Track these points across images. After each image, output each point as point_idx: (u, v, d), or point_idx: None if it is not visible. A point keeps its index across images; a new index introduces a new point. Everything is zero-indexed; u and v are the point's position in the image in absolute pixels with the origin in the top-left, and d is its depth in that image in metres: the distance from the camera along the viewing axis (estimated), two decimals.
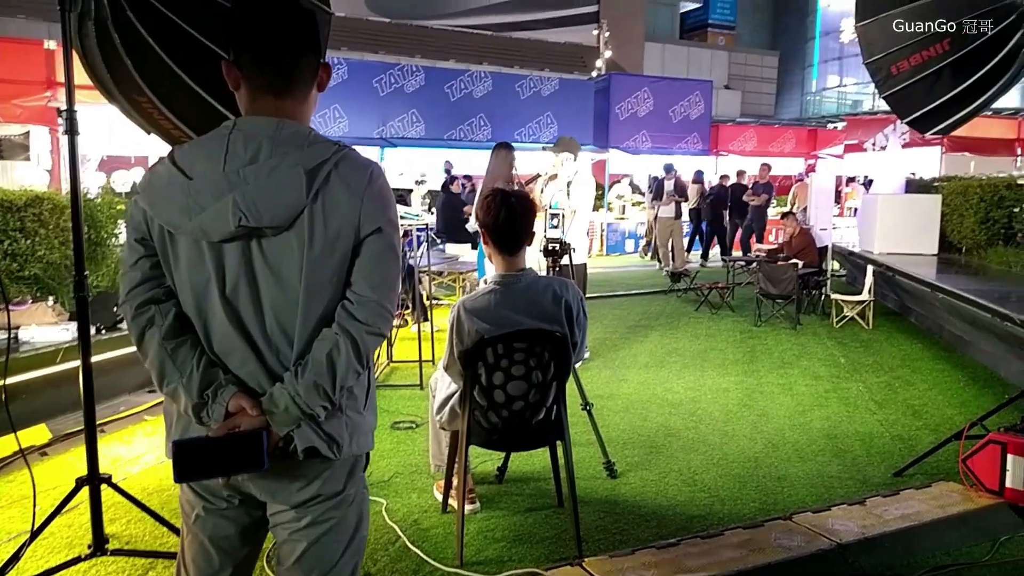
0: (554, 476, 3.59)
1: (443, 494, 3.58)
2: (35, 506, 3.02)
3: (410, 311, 7.38)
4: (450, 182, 12.54)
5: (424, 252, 7.00)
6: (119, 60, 2.83)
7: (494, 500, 3.68)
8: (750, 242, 13.73)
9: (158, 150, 9.39)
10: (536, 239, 3.27)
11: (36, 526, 2.93)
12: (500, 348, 2.92)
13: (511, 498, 3.71)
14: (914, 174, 12.50)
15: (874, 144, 15.30)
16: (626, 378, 6.02)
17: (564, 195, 6.00)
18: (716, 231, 14.55)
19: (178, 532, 3.02)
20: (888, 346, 7.26)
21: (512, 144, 6.29)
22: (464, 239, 9.92)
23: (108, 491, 3.00)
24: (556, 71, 20.58)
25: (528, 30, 26.02)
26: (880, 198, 10.55)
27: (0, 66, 7.87)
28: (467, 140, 15.66)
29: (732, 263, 10.76)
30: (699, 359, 6.73)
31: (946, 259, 9.25)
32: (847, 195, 18.68)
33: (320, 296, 1.58)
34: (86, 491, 2.93)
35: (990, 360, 6.26)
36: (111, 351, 4.94)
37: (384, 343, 4.77)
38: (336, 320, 1.59)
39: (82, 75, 2.90)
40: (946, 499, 3.60)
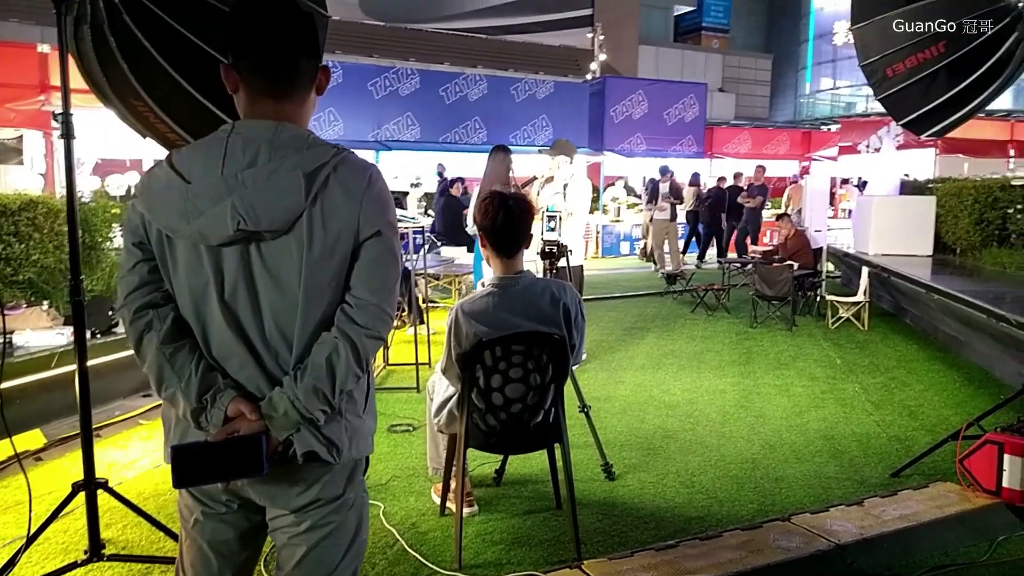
0: (552, 478, 3.59)
1: (441, 497, 3.57)
2: (31, 511, 3.00)
3: (406, 314, 7.37)
4: (450, 185, 12.53)
5: (424, 254, 7.00)
6: (115, 64, 2.82)
7: (492, 503, 3.67)
8: (745, 244, 13.76)
9: (153, 154, 9.39)
10: (533, 241, 3.27)
11: (32, 531, 2.92)
12: (498, 351, 2.91)
13: (509, 501, 3.71)
14: (908, 176, 12.56)
15: (868, 146, 15.36)
16: (623, 380, 6.02)
17: (560, 198, 6.00)
18: (715, 233, 14.55)
19: (175, 537, 3.00)
20: (884, 347, 7.27)
21: (509, 147, 6.29)
22: (465, 242, 9.94)
23: (104, 496, 2.98)
24: (551, 74, 20.57)
25: (522, 33, 26.03)
26: (875, 200, 10.59)
27: None
28: (462, 143, 15.64)
29: (727, 265, 10.77)
30: (695, 361, 6.73)
31: (941, 260, 9.29)
32: (841, 197, 18.75)
33: (319, 300, 1.57)
34: (82, 496, 2.91)
35: (985, 361, 6.28)
36: (106, 355, 4.93)
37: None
38: (335, 324, 1.58)
39: (77, 79, 2.89)
40: (944, 499, 3.61)
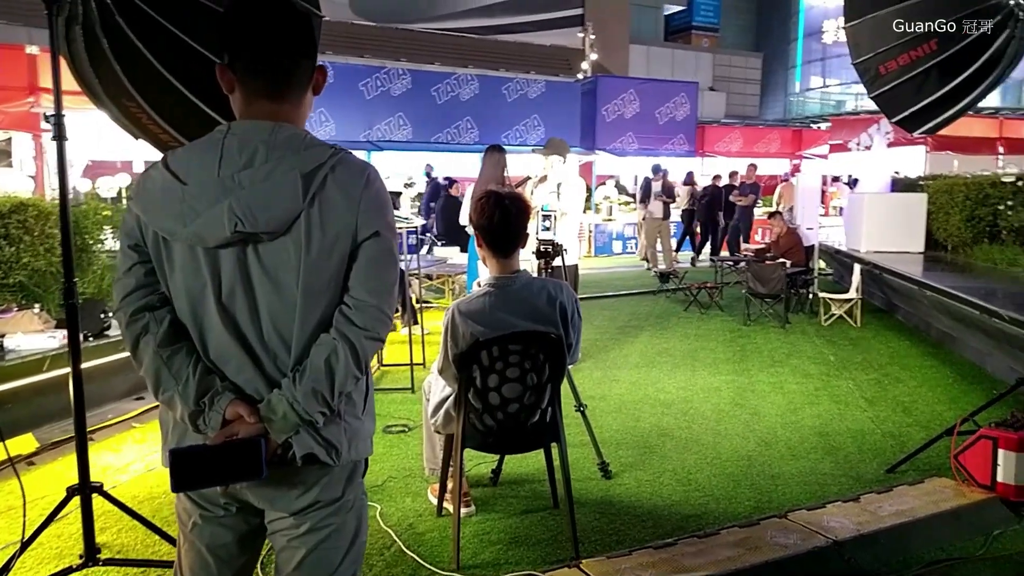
0: (549, 478, 3.59)
1: (438, 498, 3.56)
2: (25, 516, 2.98)
3: (400, 314, 7.35)
4: (449, 185, 12.53)
5: (417, 255, 6.98)
6: (107, 65, 2.80)
7: (489, 503, 3.66)
8: (737, 242, 13.80)
9: (144, 156, 9.34)
10: (529, 241, 3.26)
11: (27, 536, 2.89)
12: (495, 350, 2.91)
13: (506, 500, 3.70)
14: (898, 173, 12.61)
15: (859, 144, 15.41)
16: (618, 378, 6.03)
17: (554, 197, 6.00)
18: (711, 231, 14.59)
19: (171, 540, 3.00)
20: (876, 344, 7.30)
21: (503, 147, 6.29)
22: (465, 242, 9.91)
23: (98, 500, 2.96)
24: (542, 74, 20.57)
25: (513, 33, 26.04)
26: (866, 197, 10.62)
27: None
28: (454, 143, 15.62)
29: (720, 263, 10.80)
30: (690, 359, 6.74)
31: (932, 257, 9.33)
32: (832, 195, 18.81)
33: (318, 301, 1.56)
34: (76, 500, 2.88)
35: (977, 356, 6.31)
36: (98, 358, 4.89)
37: None
38: (334, 325, 1.57)
39: (67, 80, 2.86)
40: (939, 495, 3.63)
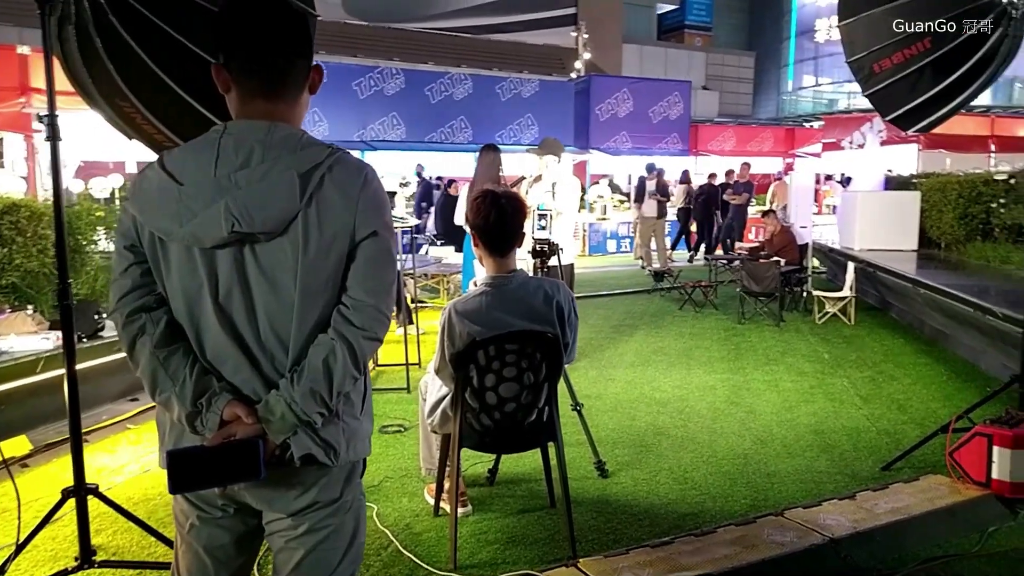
0: (546, 477, 3.59)
1: (435, 497, 3.55)
2: (20, 518, 2.96)
3: (395, 314, 7.35)
4: (448, 185, 12.54)
5: (412, 255, 6.97)
6: (101, 64, 2.78)
7: (486, 502, 3.66)
8: (731, 241, 13.84)
9: (136, 156, 9.30)
10: (524, 240, 3.26)
11: (22, 539, 2.88)
12: (492, 350, 2.90)
13: (503, 500, 3.70)
14: (891, 171, 12.65)
15: (851, 142, 15.45)
16: (613, 377, 6.03)
17: (549, 196, 6.00)
18: (707, 229, 14.64)
19: (166, 542, 2.99)
20: (870, 341, 7.32)
21: (498, 146, 6.29)
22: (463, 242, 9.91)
23: (92, 501, 2.94)
24: (535, 73, 20.56)
25: (506, 32, 26.03)
26: (860, 195, 10.65)
27: None
28: (448, 142, 15.60)
29: (714, 262, 10.82)
30: (685, 357, 6.75)
31: (926, 255, 9.37)
32: (825, 193, 18.87)
33: (315, 301, 1.56)
34: (70, 502, 2.87)
35: (971, 354, 6.33)
36: (92, 359, 4.87)
37: None
38: (332, 325, 1.56)
39: (59, 81, 2.84)
40: (934, 492, 3.64)
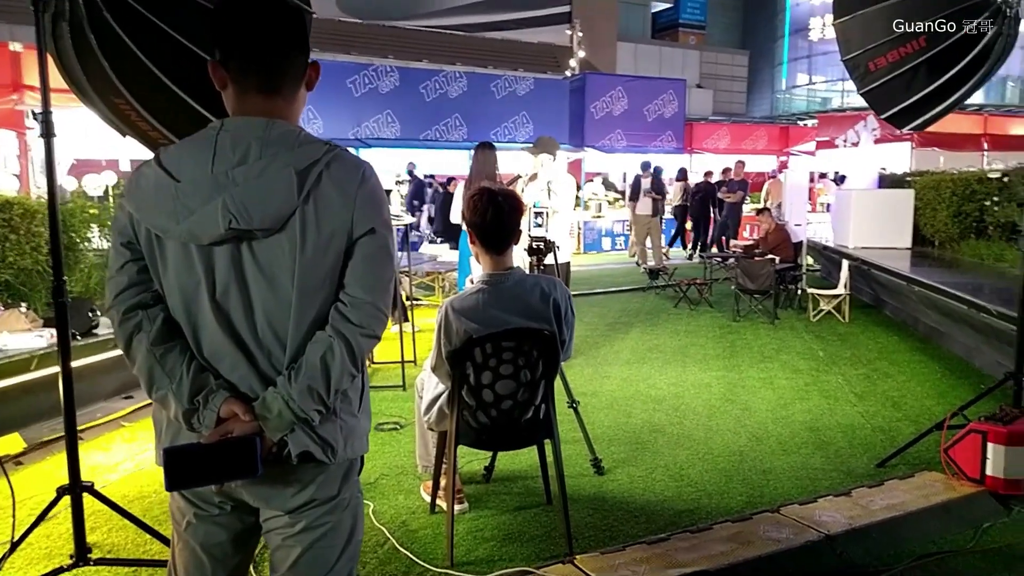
0: (542, 474, 3.58)
1: (431, 495, 3.55)
2: (14, 516, 2.95)
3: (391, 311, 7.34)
4: (448, 183, 12.56)
5: (408, 252, 6.96)
6: (95, 61, 2.76)
7: (482, 500, 3.66)
8: (721, 240, 13.88)
9: (130, 154, 9.26)
10: (521, 238, 3.26)
11: (17, 536, 2.87)
12: (488, 347, 2.90)
13: (499, 497, 3.70)
14: (885, 169, 12.69)
15: (845, 140, 15.49)
16: (609, 375, 6.04)
17: (545, 195, 6.00)
18: (704, 227, 14.67)
19: (162, 539, 2.98)
20: (865, 339, 7.34)
21: (493, 144, 6.28)
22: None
23: (87, 499, 2.93)
24: (529, 71, 20.54)
25: (500, 30, 26.00)
26: (854, 193, 10.69)
27: None
28: (443, 140, 15.59)
29: (709, 259, 10.85)
30: (680, 355, 6.76)
31: (920, 252, 9.41)
32: (818, 191, 18.91)
33: (313, 298, 1.55)
34: (65, 500, 2.86)
35: (965, 351, 6.36)
36: (86, 357, 4.85)
37: None
38: (330, 323, 1.56)
39: (52, 78, 2.83)
40: (929, 488, 3.65)
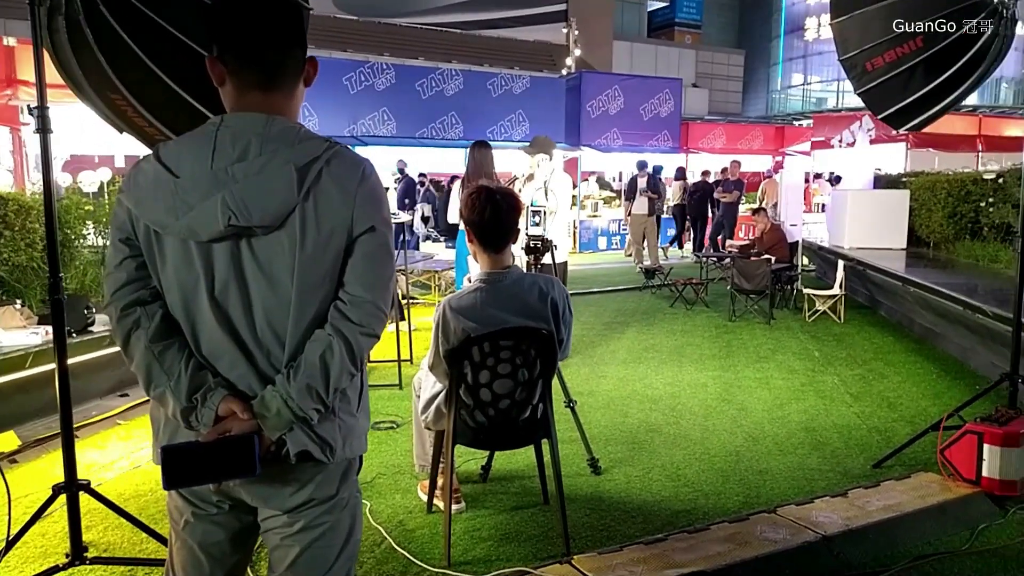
0: (539, 474, 3.58)
1: (428, 494, 3.54)
2: (10, 515, 2.93)
3: None
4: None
5: (404, 251, 6.94)
6: (92, 57, 2.74)
7: (479, 499, 3.65)
8: (717, 241, 13.90)
9: (124, 150, 9.23)
10: (519, 236, 3.25)
11: (12, 535, 2.85)
12: (486, 346, 2.89)
13: (496, 497, 3.69)
14: (880, 169, 12.73)
15: (841, 141, 15.54)
16: (605, 374, 6.03)
17: (542, 194, 5.98)
18: (702, 226, 14.70)
19: (158, 538, 2.97)
20: (860, 339, 7.35)
21: (488, 143, 6.26)
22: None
23: (83, 498, 2.91)
24: (525, 69, 20.53)
25: (496, 28, 25.97)
26: (850, 194, 10.71)
27: None
28: (439, 138, 15.56)
29: (705, 259, 10.85)
30: (676, 354, 6.76)
31: (915, 253, 9.44)
32: (814, 191, 18.97)
33: (312, 296, 1.54)
34: (61, 498, 2.84)
35: (960, 352, 6.37)
36: (82, 355, 4.83)
37: None
38: (329, 321, 1.55)
39: (48, 73, 2.81)
40: (925, 489, 3.66)
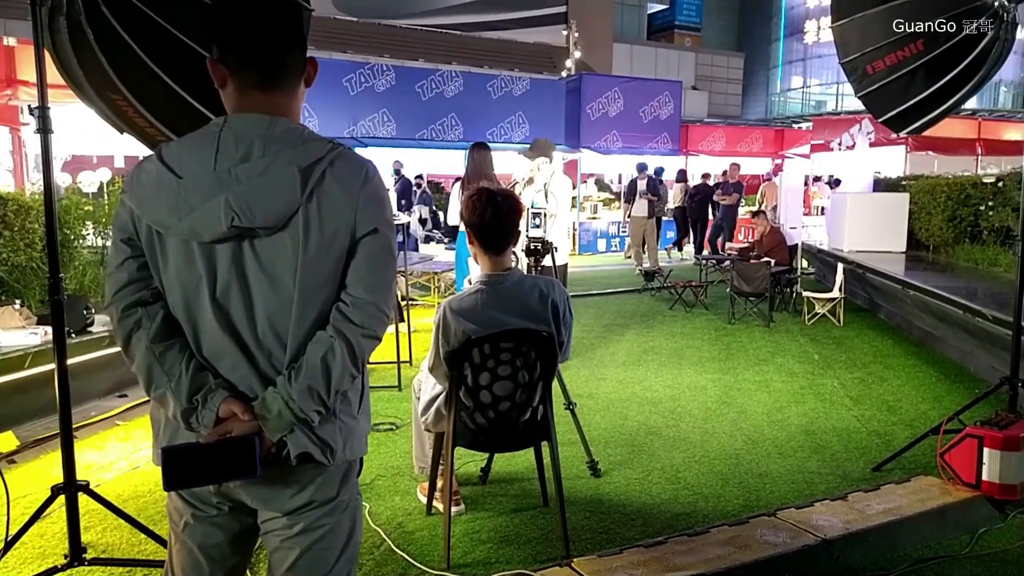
0: (539, 476, 3.58)
1: (427, 496, 3.54)
2: (9, 515, 2.92)
3: None
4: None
5: (404, 252, 6.94)
6: (93, 57, 2.74)
7: (478, 501, 3.65)
8: (716, 244, 13.90)
9: (124, 150, 9.22)
10: (520, 238, 3.25)
11: (11, 536, 2.84)
12: (487, 348, 2.89)
13: (496, 499, 3.69)
14: (879, 173, 12.73)
15: (840, 143, 15.54)
16: (605, 377, 6.03)
17: (542, 197, 5.99)
18: (703, 229, 14.72)
19: (157, 539, 2.96)
20: (860, 342, 7.35)
21: (487, 144, 6.27)
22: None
23: (82, 498, 2.91)
24: (525, 71, 20.52)
25: (496, 30, 25.98)
26: (849, 197, 10.72)
27: None
28: (439, 140, 15.55)
29: (704, 262, 10.86)
30: (676, 357, 6.76)
31: (914, 256, 9.44)
32: (813, 194, 18.97)
33: (315, 298, 1.54)
34: (59, 499, 2.84)
35: (959, 355, 6.37)
36: (81, 355, 4.82)
37: None
38: (331, 322, 1.55)
39: (48, 74, 2.80)
40: (925, 493, 3.65)
